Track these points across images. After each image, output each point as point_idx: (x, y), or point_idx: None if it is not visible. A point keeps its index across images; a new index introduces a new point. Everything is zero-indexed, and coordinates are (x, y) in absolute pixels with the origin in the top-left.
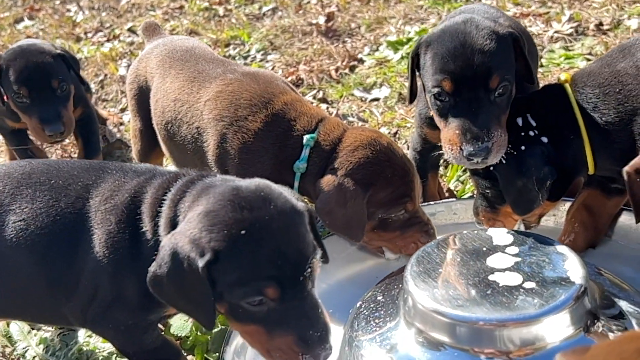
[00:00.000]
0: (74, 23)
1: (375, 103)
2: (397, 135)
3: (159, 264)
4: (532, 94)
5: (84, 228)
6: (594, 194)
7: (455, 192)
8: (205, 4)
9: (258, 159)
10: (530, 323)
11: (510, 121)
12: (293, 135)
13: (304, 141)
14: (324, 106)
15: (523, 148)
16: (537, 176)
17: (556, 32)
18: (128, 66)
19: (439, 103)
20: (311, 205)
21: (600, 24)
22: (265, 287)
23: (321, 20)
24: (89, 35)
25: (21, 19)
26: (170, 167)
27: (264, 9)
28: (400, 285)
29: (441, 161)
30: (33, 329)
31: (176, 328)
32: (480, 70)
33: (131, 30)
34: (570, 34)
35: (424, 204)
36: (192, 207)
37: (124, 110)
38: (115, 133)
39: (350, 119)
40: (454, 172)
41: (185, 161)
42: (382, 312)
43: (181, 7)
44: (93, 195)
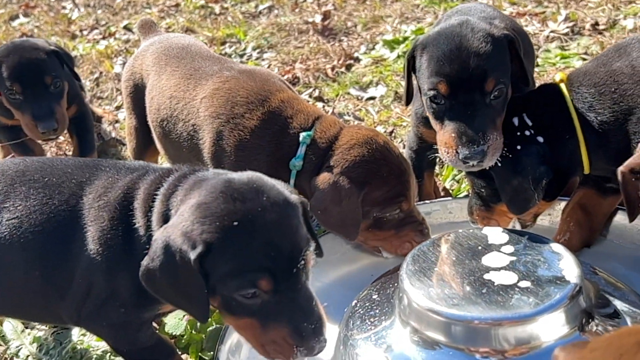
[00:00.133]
0: (69, 20)
1: (371, 102)
2: (393, 134)
3: (151, 258)
4: (528, 93)
5: (77, 225)
6: (589, 194)
7: (450, 191)
8: (201, 2)
9: (254, 156)
10: (526, 322)
11: (506, 121)
12: (289, 132)
13: (300, 139)
14: (320, 105)
15: (519, 147)
16: (533, 175)
17: (552, 32)
18: (123, 64)
19: (434, 106)
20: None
21: (596, 23)
22: (259, 279)
23: (317, 18)
24: (85, 32)
25: (16, 16)
26: (165, 165)
27: (260, 7)
28: (396, 284)
29: (437, 160)
30: (27, 327)
31: (171, 326)
32: (475, 73)
33: (127, 28)
34: (566, 34)
35: (419, 203)
36: (184, 201)
37: (119, 108)
38: (110, 131)
39: (347, 117)
40: (450, 171)
41: (181, 159)
42: (378, 311)
43: (177, 5)
44: (86, 193)
